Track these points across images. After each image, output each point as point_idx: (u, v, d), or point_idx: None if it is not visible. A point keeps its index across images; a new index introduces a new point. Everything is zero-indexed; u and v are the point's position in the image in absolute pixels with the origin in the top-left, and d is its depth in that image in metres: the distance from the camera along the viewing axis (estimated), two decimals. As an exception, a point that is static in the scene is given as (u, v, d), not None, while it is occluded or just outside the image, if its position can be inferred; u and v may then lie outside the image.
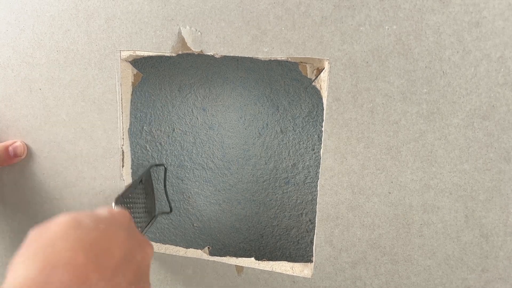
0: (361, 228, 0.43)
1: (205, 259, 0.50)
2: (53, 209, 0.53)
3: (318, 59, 0.40)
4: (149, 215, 0.54)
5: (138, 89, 0.54)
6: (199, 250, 0.52)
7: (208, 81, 0.52)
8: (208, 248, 0.53)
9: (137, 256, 0.32)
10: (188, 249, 0.52)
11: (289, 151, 0.52)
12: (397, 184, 0.41)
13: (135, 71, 0.49)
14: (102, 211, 0.34)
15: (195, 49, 0.43)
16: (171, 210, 0.57)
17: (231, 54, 0.42)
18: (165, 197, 0.57)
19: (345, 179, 0.42)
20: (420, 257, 0.42)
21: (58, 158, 0.51)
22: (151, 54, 0.45)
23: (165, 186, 0.56)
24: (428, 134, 0.39)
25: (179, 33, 0.43)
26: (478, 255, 0.40)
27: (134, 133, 0.55)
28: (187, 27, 0.42)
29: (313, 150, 0.51)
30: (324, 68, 0.41)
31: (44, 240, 0.29)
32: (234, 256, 0.51)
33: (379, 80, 0.39)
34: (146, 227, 0.51)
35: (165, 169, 0.56)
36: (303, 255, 0.54)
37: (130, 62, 0.48)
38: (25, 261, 0.27)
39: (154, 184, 0.57)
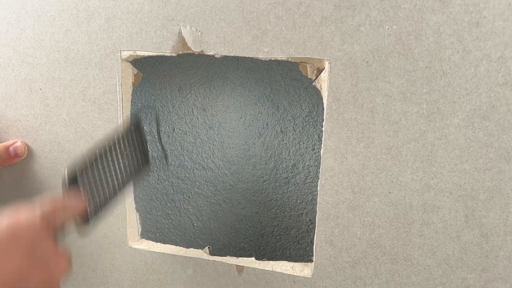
0: (361, 227, 0.43)
1: (205, 259, 0.50)
2: (53, 209, 0.53)
3: (318, 59, 0.40)
4: (131, 171, 0.46)
5: (138, 89, 0.54)
6: (199, 250, 0.52)
7: (208, 81, 0.52)
8: (209, 248, 0.54)
9: (31, 280, 0.29)
10: (189, 249, 0.53)
11: (289, 151, 0.52)
12: (397, 184, 0.41)
13: (135, 71, 0.49)
14: (4, 222, 0.30)
15: (195, 49, 0.43)
16: (166, 160, 0.50)
17: (231, 54, 0.42)
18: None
19: (345, 179, 0.42)
20: (420, 257, 0.42)
21: (58, 158, 0.51)
22: (151, 54, 0.45)
23: (158, 133, 0.48)
24: (428, 134, 0.39)
25: (180, 33, 0.43)
26: (478, 254, 0.40)
27: (134, 133, 0.55)
28: (188, 27, 0.42)
29: (313, 150, 0.51)
30: (324, 68, 0.41)
31: None
32: (234, 256, 0.51)
33: (379, 80, 0.39)
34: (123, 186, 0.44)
35: (156, 111, 0.48)
36: (303, 255, 0.54)
37: (130, 62, 0.48)
38: None
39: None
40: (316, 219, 0.44)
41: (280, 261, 0.49)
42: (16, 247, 0.29)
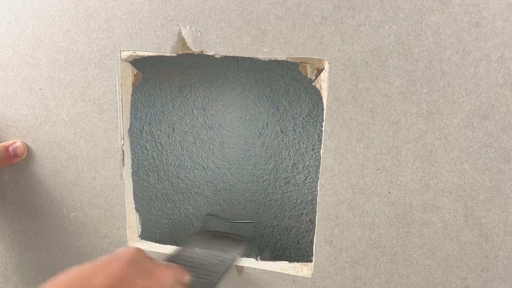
0: (361, 227, 0.43)
1: (205, 259, 0.50)
2: (53, 209, 0.53)
3: (318, 59, 0.40)
4: (227, 254, 0.49)
5: (138, 89, 0.54)
6: (199, 250, 0.52)
7: (208, 81, 0.52)
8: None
9: (137, 283, 0.34)
10: (188, 249, 0.52)
11: (289, 151, 0.52)
12: (397, 184, 0.41)
13: (135, 71, 0.49)
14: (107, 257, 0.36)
15: (195, 49, 0.43)
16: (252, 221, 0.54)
17: (231, 54, 0.42)
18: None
19: (345, 179, 0.42)
20: (420, 257, 0.42)
21: (58, 158, 0.51)
22: (151, 54, 0.45)
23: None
24: (428, 134, 0.39)
25: (179, 33, 0.43)
26: (478, 254, 0.41)
27: (134, 133, 0.55)
28: (187, 27, 0.42)
29: (313, 150, 0.51)
30: (324, 68, 0.41)
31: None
32: (234, 256, 0.50)
33: (379, 80, 0.39)
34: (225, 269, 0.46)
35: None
36: (303, 255, 0.54)
37: (130, 62, 0.48)
38: None
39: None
40: (316, 219, 0.44)
41: (280, 261, 0.49)
42: (114, 262, 0.34)
